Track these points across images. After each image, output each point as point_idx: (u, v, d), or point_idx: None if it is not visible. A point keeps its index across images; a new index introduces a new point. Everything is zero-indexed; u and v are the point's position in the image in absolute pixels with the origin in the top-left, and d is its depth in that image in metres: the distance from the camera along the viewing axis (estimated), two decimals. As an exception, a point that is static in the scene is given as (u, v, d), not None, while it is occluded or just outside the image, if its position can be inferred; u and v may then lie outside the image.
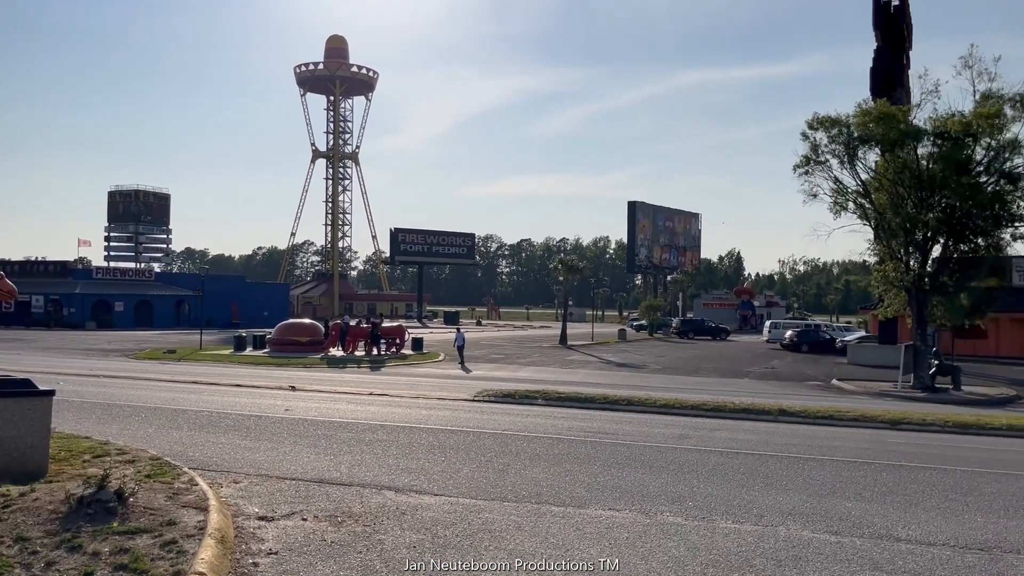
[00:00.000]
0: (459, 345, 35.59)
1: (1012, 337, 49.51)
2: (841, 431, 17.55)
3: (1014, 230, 30.14)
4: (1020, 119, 29.16)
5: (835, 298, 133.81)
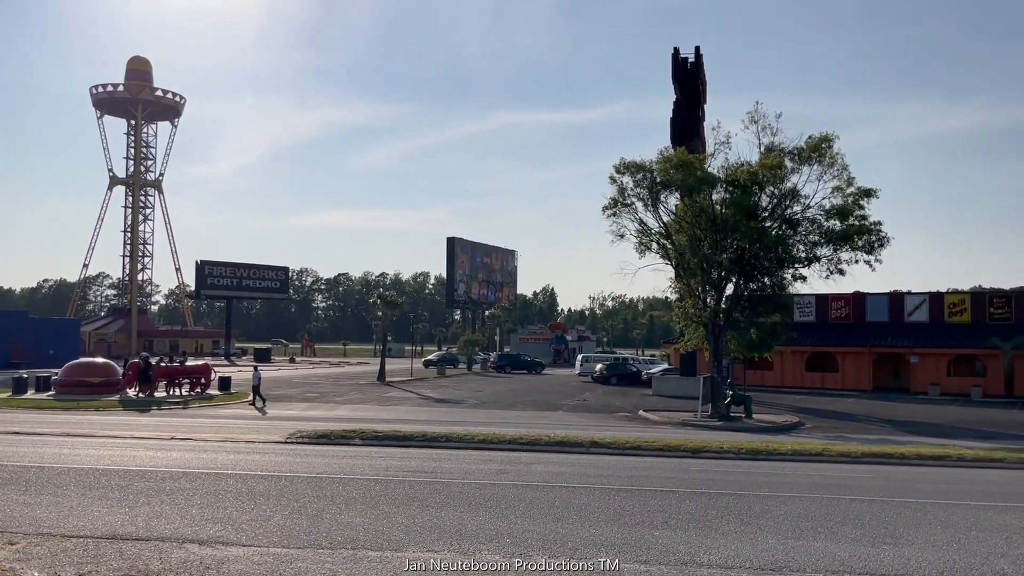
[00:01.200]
0: (255, 384, 33.75)
1: (794, 368, 54.33)
2: (648, 461, 18.40)
3: (794, 271, 33.19)
4: (798, 170, 32.30)
5: (641, 332, 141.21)
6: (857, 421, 33.86)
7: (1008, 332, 49.87)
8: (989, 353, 49.28)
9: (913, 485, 15.38)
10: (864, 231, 31.60)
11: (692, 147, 36.26)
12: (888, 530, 10.48)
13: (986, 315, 53.41)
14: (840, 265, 32.24)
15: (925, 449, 21.60)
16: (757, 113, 32.44)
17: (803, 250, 32.83)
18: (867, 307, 56.36)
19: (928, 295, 56.31)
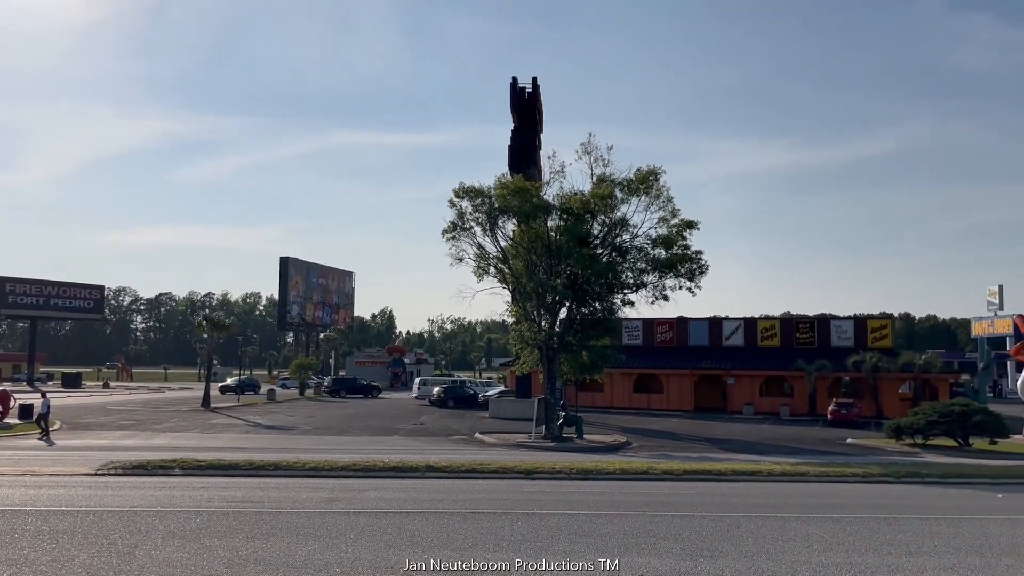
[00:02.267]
0: (43, 413, 30.74)
1: (623, 389, 56.57)
2: (483, 483, 18.50)
3: (623, 296, 34.66)
4: (627, 201, 33.82)
5: (479, 355, 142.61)
6: (680, 440, 35.63)
7: (812, 355, 54.26)
8: (796, 375, 53.40)
9: (728, 500, 16.34)
10: (687, 259, 33.51)
11: (529, 174, 37.22)
12: (705, 544, 11.06)
13: (793, 340, 57.94)
14: (665, 291, 34.00)
15: (739, 466, 23.04)
16: (590, 144, 33.80)
17: (631, 276, 34.36)
18: (689, 331, 59.70)
19: (743, 320, 60.42)
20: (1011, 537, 12.23)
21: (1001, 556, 10.64)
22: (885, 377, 51.78)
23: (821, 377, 52.68)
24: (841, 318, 62.17)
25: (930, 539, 11.87)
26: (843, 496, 17.52)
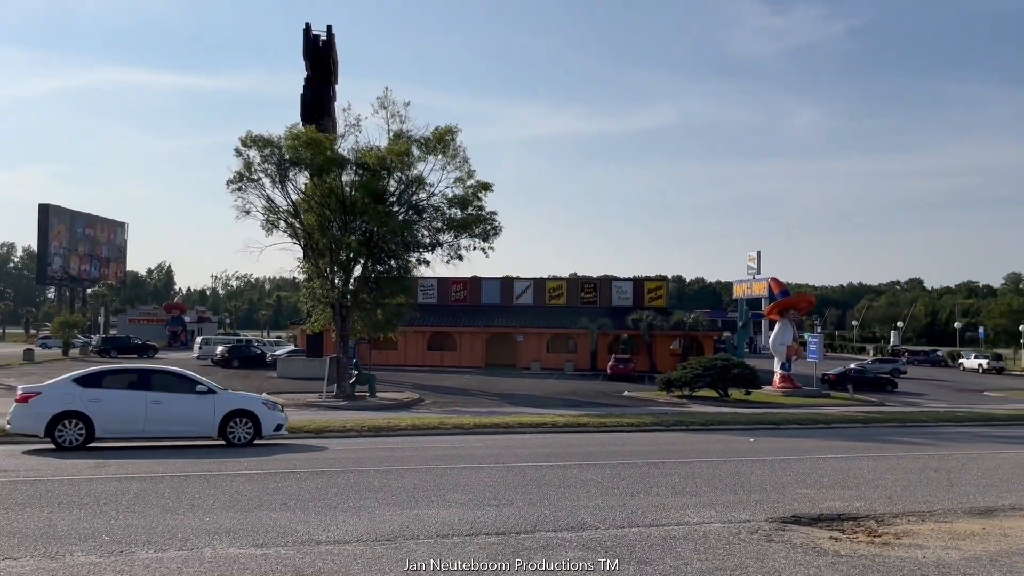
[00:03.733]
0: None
1: (417, 347, 56.95)
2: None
3: (419, 255, 34.68)
4: (424, 159, 33.69)
5: (267, 314, 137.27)
6: (472, 395, 36.51)
7: (595, 314, 57.31)
8: (580, 332, 56.24)
9: (516, 451, 16.98)
10: (481, 220, 34.04)
11: (323, 126, 36.02)
12: (492, 493, 11.43)
13: (578, 299, 60.85)
14: (460, 251, 34.43)
15: (527, 418, 24.03)
16: (387, 99, 33.24)
17: (427, 235, 34.45)
18: (482, 290, 61.04)
19: (533, 281, 62.63)
20: (760, 476, 13.68)
21: (751, 492, 11.86)
22: (659, 334, 55.83)
23: (603, 334, 55.89)
24: (622, 279, 66.23)
25: (692, 480, 13.01)
26: (619, 444, 18.77)
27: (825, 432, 22.93)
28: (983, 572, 7.58)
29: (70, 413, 15.79)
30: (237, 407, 17.07)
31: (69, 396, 16.04)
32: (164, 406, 16.52)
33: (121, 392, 16.57)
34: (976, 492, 12.30)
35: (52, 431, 15.66)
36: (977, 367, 70.07)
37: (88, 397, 16.10)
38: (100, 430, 16.05)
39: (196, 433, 16.90)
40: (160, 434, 16.79)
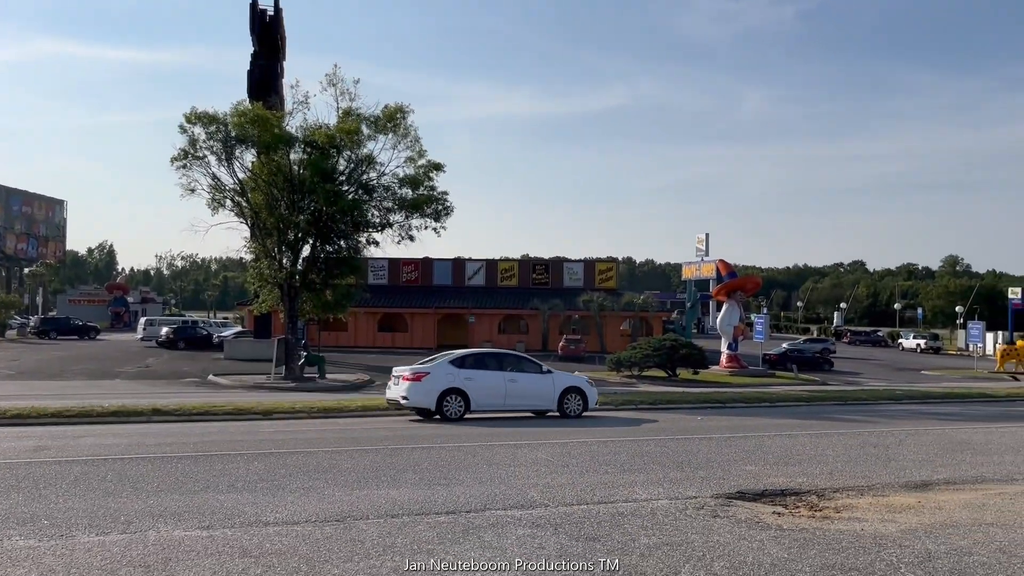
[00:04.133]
0: None
1: (367, 328, 56.57)
2: (217, 425, 17.71)
3: (368, 235, 34.31)
4: (374, 138, 33.25)
5: (214, 294, 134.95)
6: (422, 377, 36.38)
7: (546, 295, 57.58)
8: (531, 313, 56.46)
9: (467, 431, 16.99)
10: (433, 200, 33.75)
11: (270, 103, 35.28)
12: (443, 473, 11.44)
13: (530, 280, 61.02)
14: (411, 231, 34.12)
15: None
16: (335, 76, 32.68)
17: (378, 215, 34.09)
18: (434, 271, 60.81)
19: (485, 262, 62.58)
20: (706, 453, 13.94)
21: (698, 469, 12.09)
22: (609, 315, 56.32)
23: (554, 315, 56.16)
24: (573, 261, 66.58)
25: (641, 458, 13.20)
26: (569, 424, 18.91)
27: (770, 410, 23.44)
28: (918, 544, 7.84)
29: (453, 390, 18.74)
30: (571, 385, 20.20)
31: (451, 376, 18.95)
32: (518, 384, 19.58)
33: (487, 372, 19.52)
34: (912, 467, 12.70)
35: (440, 405, 18.51)
36: (915, 347, 72.22)
37: (464, 376, 19.04)
38: (474, 404, 18.96)
39: (541, 407, 19.90)
40: (515, 407, 19.76)
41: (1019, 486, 11.14)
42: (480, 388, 19.04)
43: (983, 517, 9.08)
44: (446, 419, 18.39)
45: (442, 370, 19.09)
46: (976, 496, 10.34)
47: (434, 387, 18.62)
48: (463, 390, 18.78)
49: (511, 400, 19.47)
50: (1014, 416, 22.48)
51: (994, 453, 14.46)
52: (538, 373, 20.15)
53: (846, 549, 7.60)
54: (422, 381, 18.68)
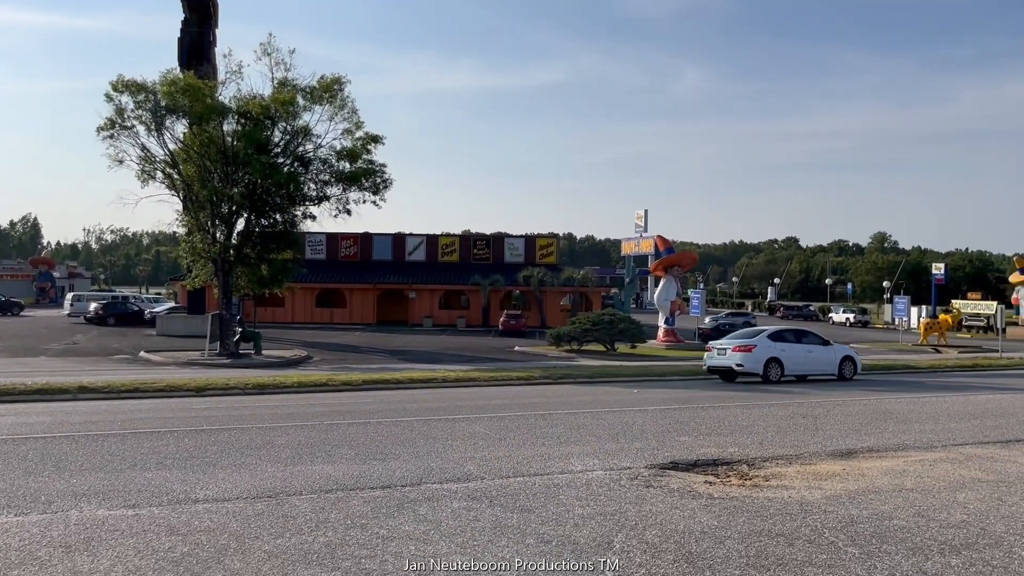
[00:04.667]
0: None
1: (305, 304, 55.76)
2: (147, 403, 17.27)
3: (305, 208, 33.73)
4: (311, 109, 32.62)
5: (145, 269, 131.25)
6: (362, 352, 36.17)
7: (487, 270, 57.54)
8: (472, 288, 56.40)
9: (405, 406, 16.93)
10: (371, 173, 33.35)
11: (202, 72, 34.22)
12: (379, 448, 11.36)
13: (471, 255, 60.86)
14: (348, 205, 33.69)
15: (416, 374, 23.99)
16: (270, 45, 31.93)
17: (314, 188, 33.56)
18: (374, 246, 60.17)
19: (426, 237, 62.17)
20: (641, 425, 14.13)
21: (633, 441, 12.25)
22: (550, 290, 56.61)
23: (495, 290, 56.20)
24: (514, 236, 66.63)
25: (577, 430, 13.31)
26: (508, 398, 19.00)
27: (704, 383, 23.88)
28: (841, 509, 8.09)
29: (773, 359, 23.43)
30: (847, 355, 25.18)
31: (771, 348, 23.66)
32: (813, 354, 24.56)
33: (793, 345, 24.33)
34: (839, 436, 13.08)
35: (766, 371, 23.14)
36: (845, 321, 74.43)
37: (779, 348, 23.77)
38: (787, 370, 23.62)
39: (827, 372, 24.49)
40: (810, 372, 24.47)
41: (938, 453, 11.57)
42: (789, 358, 23.80)
43: (904, 483, 9.41)
44: (768, 381, 23.01)
45: (764, 343, 23.71)
46: (898, 463, 10.71)
47: (761, 356, 23.28)
48: (779, 359, 23.51)
49: (808, 367, 24.38)
50: (935, 386, 23.35)
51: (915, 422, 15.00)
52: (825, 346, 25.07)
53: (773, 516, 7.79)
54: (752, 352, 23.34)
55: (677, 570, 6.14)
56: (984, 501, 8.55)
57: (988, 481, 9.60)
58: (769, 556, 6.48)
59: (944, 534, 7.22)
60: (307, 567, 6.13)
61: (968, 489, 9.14)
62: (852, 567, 6.23)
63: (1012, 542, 6.99)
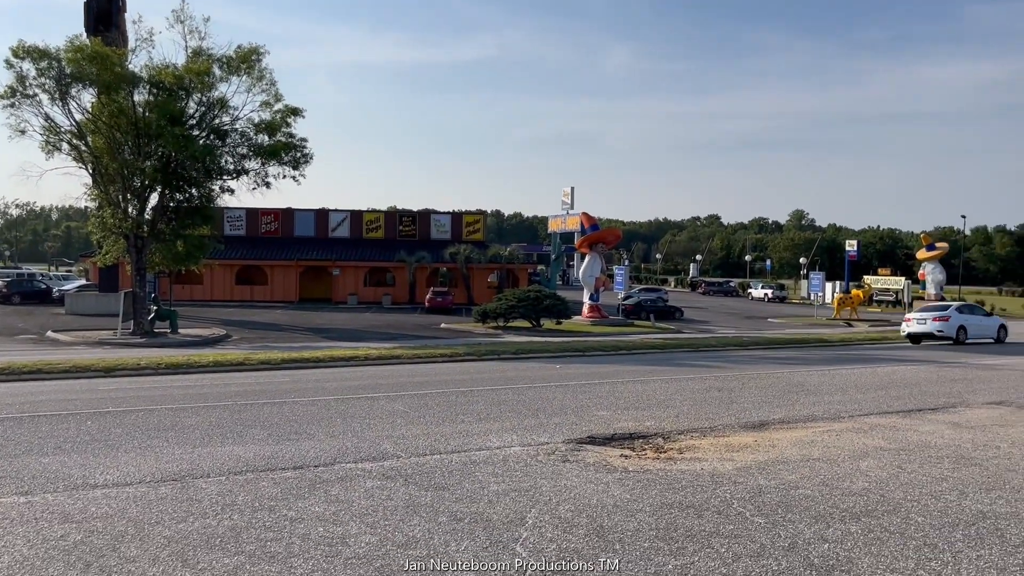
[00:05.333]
0: None
1: (224, 281, 54.31)
2: (51, 385, 16.54)
3: (223, 183, 32.73)
4: (227, 80, 31.58)
5: (55, 245, 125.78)
6: (284, 330, 35.46)
7: (414, 247, 57.05)
8: (398, 265, 55.86)
9: (324, 385, 16.63)
10: (291, 147, 32.58)
11: (110, 39, 32.73)
12: (294, 428, 11.11)
13: (397, 232, 60.22)
14: (267, 179, 32.87)
15: (339, 352, 23.60)
16: (183, 13, 30.79)
17: (231, 162, 32.64)
18: (296, 222, 58.92)
19: (350, 212, 61.17)
20: (562, 400, 14.20)
21: (552, 416, 12.29)
22: (476, 267, 56.51)
23: (421, 267, 55.81)
24: (441, 213, 66.15)
25: (498, 406, 13.29)
26: (431, 375, 18.86)
27: (626, 358, 24.21)
28: (751, 480, 8.26)
29: (962, 327, 30.85)
30: (1001, 323, 32.96)
31: (959, 319, 31.04)
32: (982, 324, 32.14)
33: (970, 316, 32.12)
34: (752, 408, 13.40)
35: (958, 335, 30.37)
36: (763, 296, 76.55)
37: (964, 319, 31.36)
38: (969, 336, 30.89)
39: (990, 337, 31.85)
40: (979, 337, 31.44)
41: (845, 423, 11.96)
42: (971, 326, 31.21)
43: (811, 453, 9.69)
44: (959, 343, 30.12)
45: (955, 315, 31.28)
46: (806, 434, 11.02)
47: (954, 325, 30.61)
48: (965, 326, 30.91)
49: (980, 332, 31.60)
50: (845, 359, 24.20)
51: (825, 393, 15.49)
52: (988, 317, 33.54)
53: (685, 488, 7.90)
54: (948, 321, 30.71)
55: (588, 544, 6.15)
56: (885, 469, 8.86)
57: (890, 449, 9.96)
58: (678, 528, 6.56)
59: (846, 502, 7.44)
60: (209, 552, 5.92)
61: (871, 458, 9.46)
62: (757, 536, 6.36)
63: (909, 508, 7.26)
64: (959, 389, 16.27)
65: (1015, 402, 14.45)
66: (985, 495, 7.75)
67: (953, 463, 9.19)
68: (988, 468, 8.94)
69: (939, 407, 13.69)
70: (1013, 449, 10.06)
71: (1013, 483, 8.25)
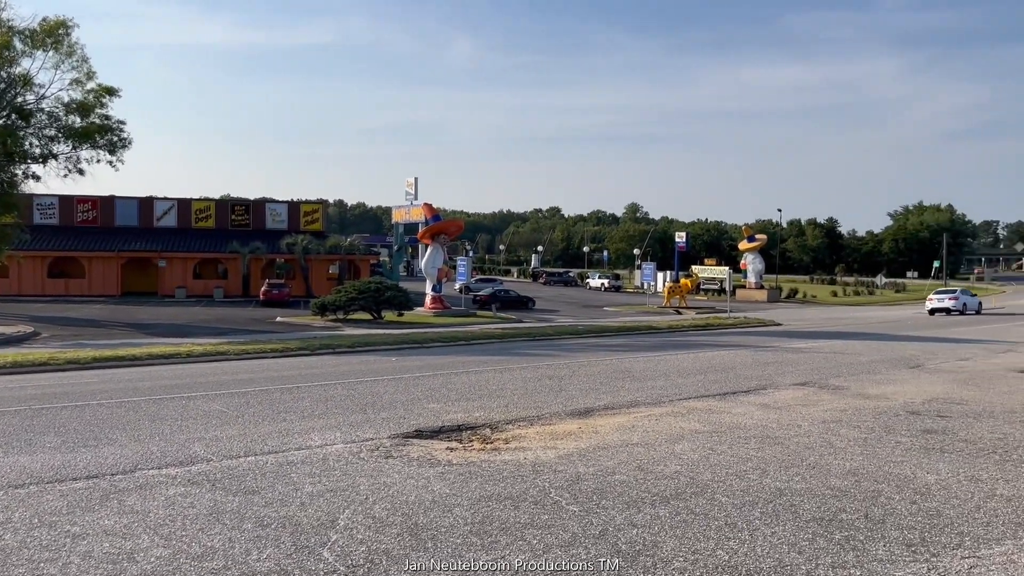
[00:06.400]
0: None
1: (34, 274, 49.98)
2: None
3: (27, 167, 30.01)
4: (31, 55, 28.97)
5: None
6: (102, 327, 33.06)
7: (247, 238, 54.75)
8: (230, 257, 53.42)
9: (137, 385, 15.51)
10: (107, 130, 30.35)
11: None
12: (94, 433, 10.23)
13: (229, 221, 57.59)
14: (80, 164, 30.44)
15: (158, 349, 22.19)
16: (-23, -22, 27.78)
17: (38, 145, 29.98)
18: (116, 211, 55.15)
19: (177, 201, 57.90)
20: (392, 394, 13.94)
21: (380, 411, 12.01)
22: (315, 258, 54.98)
23: (255, 258, 53.65)
24: (277, 202, 63.82)
25: (325, 403, 12.84)
26: (258, 372, 18.04)
27: (464, 348, 24.21)
28: (571, 467, 8.35)
29: (965, 303, 45.28)
30: (980, 300, 46.78)
31: (963, 298, 45.95)
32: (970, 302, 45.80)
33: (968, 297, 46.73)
34: (580, 395, 13.67)
35: (963, 309, 43.81)
36: (600, 286, 79.10)
37: (964, 299, 45.60)
38: (967, 310, 44.53)
39: (973, 310, 45.70)
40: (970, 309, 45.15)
41: (665, 407, 12.41)
42: (968, 303, 43.47)
43: (631, 438, 9.94)
44: (963, 314, 42.64)
45: (960, 296, 45.39)
46: (629, 419, 11.33)
47: (960, 303, 44.09)
48: (966, 303, 44.36)
49: (971, 307, 45.02)
50: (671, 345, 25.31)
51: (649, 379, 16.05)
52: (973, 298, 46.19)
53: (506, 479, 7.86)
54: (956, 300, 44.43)
55: (399, 544, 5.96)
56: (698, 451, 9.22)
57: (704, 432, 10.40)
58: (494, 521, 6.49)
59: (658, 485, 7.65)
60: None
61: (686, 440, 9.83)
62: (570, 525, 6.39)
63: (715, 489, 7.55)
64: (770, 372, 17.33)
65: (817, 382, 15.56)
66: (784, 472, 8.20)
67: (759, 443, 9.69)
68: (788, 446, 9.50)
69: (751, 389, 14.50)
70: (812, 427, 10.76)
71: (809, 460, 8.79)
